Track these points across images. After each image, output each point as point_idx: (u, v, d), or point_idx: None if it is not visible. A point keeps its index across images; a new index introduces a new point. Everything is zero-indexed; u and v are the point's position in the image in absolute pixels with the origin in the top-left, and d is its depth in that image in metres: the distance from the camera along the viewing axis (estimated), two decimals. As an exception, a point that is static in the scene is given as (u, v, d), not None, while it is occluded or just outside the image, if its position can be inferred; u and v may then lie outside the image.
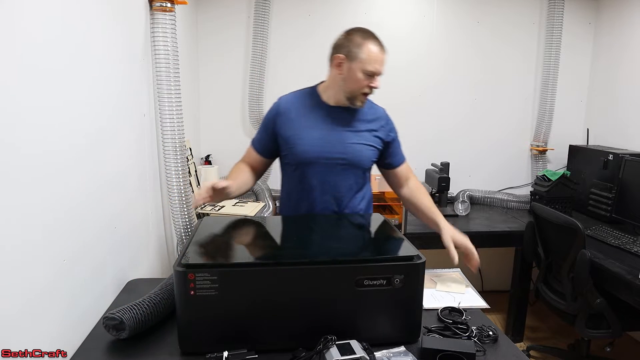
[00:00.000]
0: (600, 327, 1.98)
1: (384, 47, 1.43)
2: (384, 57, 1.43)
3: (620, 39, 2.75)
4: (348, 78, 1.42)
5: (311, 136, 1.46)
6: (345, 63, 1.41)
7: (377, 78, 1.42)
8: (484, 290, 3.22)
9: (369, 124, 1.51)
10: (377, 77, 1.42)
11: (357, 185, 1.54)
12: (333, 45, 1.47)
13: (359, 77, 1.40)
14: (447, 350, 0.99)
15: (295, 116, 1.49)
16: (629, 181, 2.31)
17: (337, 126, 1.48)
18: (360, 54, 1.39)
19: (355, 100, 1.45)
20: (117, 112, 1.46)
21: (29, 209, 0.96)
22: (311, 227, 1.43)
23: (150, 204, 1.79)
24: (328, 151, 1.46)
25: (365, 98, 1.46)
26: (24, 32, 0.95)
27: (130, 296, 1.28)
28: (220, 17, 2.74)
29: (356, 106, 1.47)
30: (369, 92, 1.45)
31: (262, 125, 1.58)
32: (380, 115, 1.56)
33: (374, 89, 1.44)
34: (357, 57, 1.39)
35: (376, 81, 1.42)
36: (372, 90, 1.44)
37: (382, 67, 1.42)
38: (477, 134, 3.01)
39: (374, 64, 1.39)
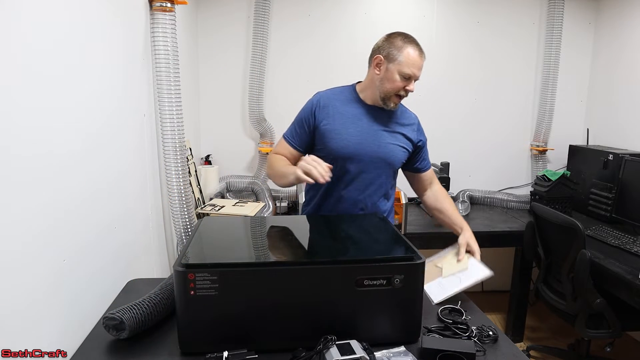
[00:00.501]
0: (600, 327, 1.98)
1: (423, 53, 1.46)
2: (422, 62, 1.46)
3: (620, 39, 2.75)
4: (385, 78, 1.46)
5: (348, 132, 1.50)
6: (384, 64, 1.46)
7: (412, 81, 1.46)
8: (484, 290, 3.22)
9: (402, 127, 1.57)
10: (413, 80, 1.46)
11: (387, 184, 1.58)
12: (374, 47, 1.52)
13: (396, 79, 1.45)
14: (447, 350, 0.99)
15: (333, 112, 1.52)
16: (629, 181, 2.31)
17: (374, 124, 1.53)
18: (399, 56, 1.43)
19: (389, 101, 1.49)
20: (117, 112, 1.46)
21: (29, 209, 0.96)
22: (311, 227, 1.43)
23: (150, 204, 1.79)
24: (363, 148, 1.49)
25: (398, 100, 1.50)
26: (24, 32, 0.95)
27: (130, 296, 1.28)
28: (220, 17, 2.74)
29: (389, 107, 1.51)
30: (404, 95, 1.49)
31: (297, 121, 1.57)
32: (414, 120, 1.62)
33: (409, 92, 1.48)
34: (395, 59, 1.44)
35: (412, 84, 1.46)
36: (407, 93, 1.48)
37: (419, 71, 1.46)
38: (477, 134, 3.01)
39: (411, 67, 1.43)
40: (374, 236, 1.33)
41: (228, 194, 2.74)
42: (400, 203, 2.35)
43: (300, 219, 1.51)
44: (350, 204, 1.54)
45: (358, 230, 1.39)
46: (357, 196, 1.54)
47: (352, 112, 1.52)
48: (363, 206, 1.56)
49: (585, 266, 1.85)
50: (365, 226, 1.43)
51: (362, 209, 1.56)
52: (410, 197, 2.80)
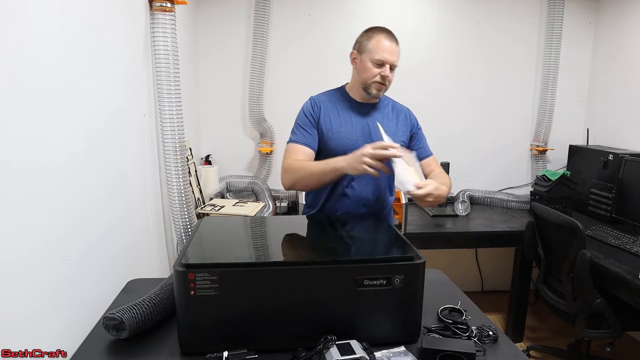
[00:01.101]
0: (600, 327, 1.98)
1: (394, 39, 1.50)
2: (394, 47, 1.49)
3: (620, 39, 2.75)
4: (360, 69, 1.52)
5: (345, 130, 1.54)
6: (358, 57, 1.53)
7: (387, 67, 1.48)
8: (484, 290, 3.23)
9: (395, 119, 1.62)
10: (387, 66, 1.48)
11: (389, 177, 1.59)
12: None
13: (369, 67, 1.49)
14: (447, 350, 0.99)
15: (328, 112, 1.56)
16: (629, 181, 2.31)
17: (367, 120, 1.57)
18: (368, 45, 1.50)
19: (369, 89, 1.52)
20: (117, 112, 1.46)
21: (29, 209, 0.96)
22: (311, 227, 1.43)
23: (150, 204, 1.79)
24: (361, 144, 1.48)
25: (379, 87, 1.52)
26: (23, 32, 0.95)
27: (130, 296, 1.28)
28: (220, 16, 2.74)
29: (371, 95, 1.54)
30: (382, 82, 1.51)
31: (302, 123, 1.56)
32: (405, 112, 1.67)
33: (386, 78, 1.49)
34: (366, 49, 1.50)
35: (386, 70, 1.48)
36: (384, 80, 1.50)
37: (392, 56, 1.48)
38: (477, 134, 3.01)
39: (380, 53, 1.47)
40: (374, 236, 1.33)
41: (228, 194, 2.74)
42: (400, 203, 2.35)
43: (300, 219, 1.51)
44: (353, 200, 1.56)
45: (358, 230, 1.39)
46: (360, 192, 1.56)
47: (345, 111, 1.57)
48: (366, 202, 1.57)
49: (585, 266, 1.85)
50: (365, 226, 1.43)
51: (364, 205, 1.57)
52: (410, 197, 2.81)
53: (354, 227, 1.42)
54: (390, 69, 1.50)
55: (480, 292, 3.21)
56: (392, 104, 1.66)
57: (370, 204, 1.58)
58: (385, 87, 1.53)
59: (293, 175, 1.47)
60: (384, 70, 1.48)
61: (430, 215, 2.68)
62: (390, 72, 1.51)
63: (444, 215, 2.68)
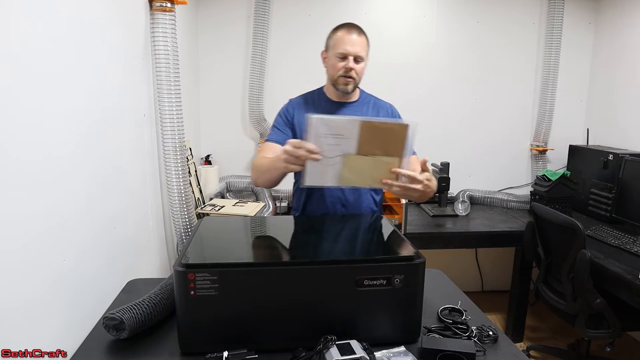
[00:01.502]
0: (600, 327, 1.98)
1: (357, 31, 1.49)
2: (355, 39, 1.48)
3: (620, 39, 2.75)
4: (328, 67, 1.55)
5: None
6: (326, 55, 1.56)
7: (351, 59, 1.48)
8: (484, 290, 3.23)
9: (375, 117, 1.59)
10: (350, 58, 1.48)
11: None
12: None
13: (334, 62, 1.50)
14: (447, 350, 0.99)
15: (302, 113, 1.55)
16: (629, 181, 2.31)
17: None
18: (331, 41, 1.52)
19: (337, 85, 1.53)
20: (117, 112, 1.46)
21: (29, 209, 0.96)
22: (311, 227, 1.43)
23: (150, 204, 1.79)
24: None
25: (346, 81, 1.51)
26: (23, 32, 0.95)
27: (130, 296, 1.28)
28: (220, 16, 2.74)
29: (340, 91, 1.53)
30: (348, 75, 1.49)
31: (277, 124, 1.60)
32: (387, 108, 1.64)
33: (350, 70, 1.48)
34: (330, 46, 1.53)
35: (351, 62, 1.48)
36: (348, 72, 1.48)
37: (353, 47, 1.47)
38: (477, 134, 3.01)
39: (342, 45, 1.47)
40: (374, 236, 1.33)
41: (228, 194, 2.74)
42: (400, 203, 2.35)
43: (300, 219, 1.51)
44: (331, 201, 1.56)
45: (358, 230, 1.39)
46: (336, 192, 1.56)
47: (321, 111, 1.55)
48: (345, 202, 1.57)
49: (585, 266, 1.85)
50: (365, 226, 1.43)
51: (344, 205, 1.57)
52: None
53: (354, 227, 1.42)
54: (357, 61, 1.49)
55: (480, 292, 3.21)
56: (374, 101, 1.64)
57: (350, 204, 1.58)
58: (353, 80, 1.50)
59: (254, 172, 1.51)
60: (347, 63, 1.47)
61: (430, 215, 2.68)
62: (357, 64, 1.49)
63: (444, 215, 2.68)
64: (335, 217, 1.54)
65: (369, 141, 1.17)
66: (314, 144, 1.17)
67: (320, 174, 1.22)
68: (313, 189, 1.56)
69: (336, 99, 1.59)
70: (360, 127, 1.15)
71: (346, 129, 1.16)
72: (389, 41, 2.84)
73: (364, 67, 1.52)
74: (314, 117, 1.15)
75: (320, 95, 1.62)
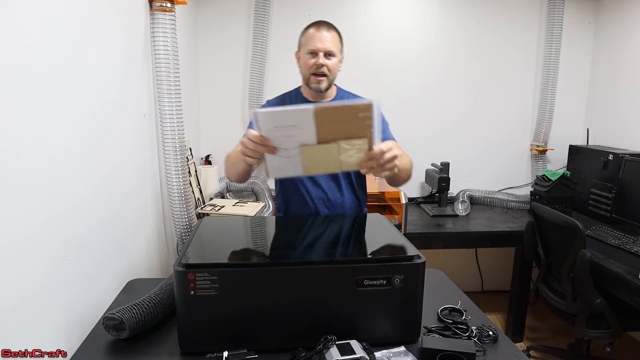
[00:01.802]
0: (600, 327, 1.98)
1: (327, 27, 1.49)
2: (324, 34, 1.47)
3: (620, 39, 2.75)
4: (301, 66, 1.54)
5: None
6: (299, 56, 1.55)
7: (320, 55, 1.47)
8: (484, 290, 3.23)
9: None
10: (320, 54, 1.47)
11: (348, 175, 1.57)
12: None
13: (305, 60, 1.50)
14: (447, 350, 0.99)
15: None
16: (629, 181, 2.31)
17: None
18: (302, 39, 1.53)
19: (309, 83, 1.52)
20: (117, 112, 1.46)
21: (29, 209, 0.96)
22: (311, 227, 1.43)
23: (151, 204, 1.79)
24: None
25: (317, 79, 1.50)
26: (23, 33, 0.95)
27: (130, 296, 1.28)
28: (220, 16, 2.74)
29: (313, 89, 1.52)
30: (320, 72, 1.48)
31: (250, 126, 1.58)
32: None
33: (321, 66, 1.47)
34: (301, 44, 1.53)
35: (321, 58, 1.47)
36: (319, 68, 1.47)
37: (322, 43, 1.46)
38: (477, 133, 3.01)
39: (311, 42, 1.47)
40: (374, 236, 1.33)
41: (228, 194, 2.74)
42: (400, 203, 2.35)
43: (300, 219, 1.51)
44: (312, 202, 1.56)
45: (358, 230, 1.39)
46: (316, 193, 1.56)
47: None
48: (325, 202, 1.57)
49: (585, 266, 1.85)
50: (365, 226, 1.43)
51: (326, 206, 1.57)
52: (410, 197, 2.81)
53: (354, 227, 1.43)
54: (328, 57, 1.47)
55: (480, 292, 3.21)
56: (352, 99, 1.60)
57: (331, 204, 1.58)
58: (326, 77, 1.49)
59: (225, 166, 1.49)
60: (317, 59, 1.46)
61: (430, 215, 2.68)
62: (329, 60, 1.47)
63: (444, 215, 2.68)
64: (335, 217, 1.54)
65: (328, 127, 1.08)
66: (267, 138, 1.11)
67: (282, 165, 1.15)
68: (293, 190, 1.56)
69: (312, 98, 1.58)
70: (315, 114, 1.06)
71: (299, 119, 1.07)
72: (388, 41, 2.84)
73: (336, 62, 1.51)
74: (260, 113, 1.08)
75: (297, 95, 1.61)
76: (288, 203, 1.62)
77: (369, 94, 2.59)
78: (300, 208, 1.59)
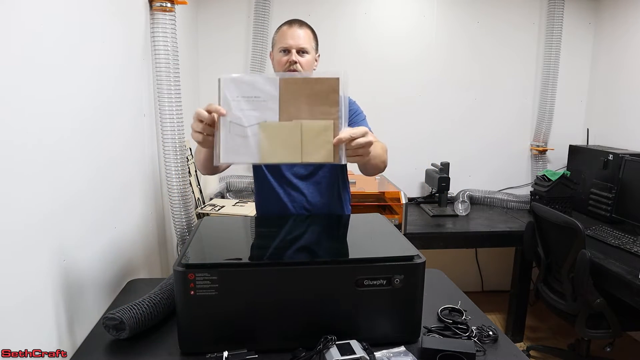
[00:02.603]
0: (600, 327, 1.98)
1: (299, 24, 1.46)
2: (296, 31, 1.44)
3: (620, 39, 2.75)
4: (274, 65, 1.50)
5: None
6: (272, 55, 1.51)
7: (293, 52, 1.43)
8: (484, 290, 3.23)
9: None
10: (292, 51, 1.43)
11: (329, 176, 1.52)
12: None
13: (278, 57, 1.46)
14: (447, 350, 0.99)
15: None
16: (629, 181, 2.31)
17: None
18: (275, 38, 1.49)
19: None
20: (116, 112, 1.46)
21: (29, 209, 0.96)
22: (311, 227, 1.43)
23: (151, 204, 1.79)
24: None
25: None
26: (23, 33, 0.95)
27: (130, 296, 1.28)
28: (220, 16, 2.74)
29: None
30: (292, 69, 1.44)
31: None
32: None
33: (294, 63, 1.43)
34: (274, 43, 1.50)
35: (293, 55, 1.43)
36: (292, 65, 1.43)
37: (294, 40, 1.43)
38: (477, 133, 3.01)
39: (283, 40, 1.44)
40: (374, 236, 1.33)
41: (228, 194, 2.74)
42: (400, 203, 2.35)
43: (300, 218, 1.51)
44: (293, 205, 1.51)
45: (358, 230, 1.39)
46: (296, 197, 1.51)
47: None
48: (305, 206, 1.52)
49: (585, 266, 1.85)
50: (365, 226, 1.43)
51: (306, 210, 1.52)
52: (410, 197, 2.81)
53: (354, 226, 1.42)
54: (302, 54, 1.44)
55: (480, 292, 3.21)
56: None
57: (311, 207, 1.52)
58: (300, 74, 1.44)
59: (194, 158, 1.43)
60: (290, 56, 1.42)
61: (430, 215, 2.68)
62: (302, 58, 1.44)
63: (444, 215, 2.68)
64: (335, 217, 1.53)
65: (292, 103, 0.99)
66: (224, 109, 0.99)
67: (236, 147, 0.99)
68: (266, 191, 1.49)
69: None
70: (281, 85, 0.98)
71: (263, 89, 0.98)
72: (388, 41, 2.84)
73: (310, 60, 1.46)
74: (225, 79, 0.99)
75: None
76: (263, 205, 1.56)
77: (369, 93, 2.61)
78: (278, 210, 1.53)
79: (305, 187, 1.52)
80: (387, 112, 2.87)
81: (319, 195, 1.53)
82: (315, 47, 1.51)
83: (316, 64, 1.53)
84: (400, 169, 2.85)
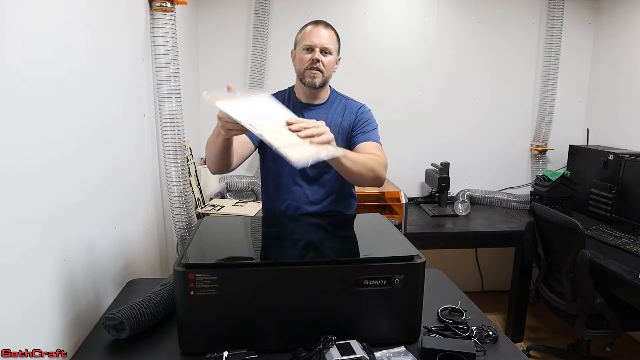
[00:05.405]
0: (600, 327, 1.98)
1: (323, 25, 1.47)
2: (321, 31, 1.45)
3: (620, 39, 2.75)
4: (296, 62, 1.52)
5: None
6: (294, 52, 1.54)
7: (316, 51, 1.45)
8: (484, 290, 3.23)
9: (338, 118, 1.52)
10: (316, 49, 1.44)
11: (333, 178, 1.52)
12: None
13: (301, 56, 1.48)
14: (447, 350, 0.99)
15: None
16: (629, 181, 2.31)
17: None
18: (298, 37, 1.51)
19: (304, 79, 1.48)
20: (117, 112, 1.46)
21: (29, 209, 0.96)
22: (311, 227, 1.43)
23: (150, 204, 1.79)
24: None
25: (312, 73, 1.46)
26: (23, 33, 0.95)
27: (130, 296, 1.28)
28: (220, 16, 2.74)
29: (307, 85, 1.48)
30: (315, 67, 1.45)
31: None
32: (356, 108, 1.54)
33: (316, 61, 1.44)
34: (297, 42, 1.52)
35: (316, 54, 1.44)
36: (314, 63, 1.44)
37: (318, 39, 1.44)
38: (477, 133, 3.01)
39: (308, 38, 1.46)
40: (374, 236, 1.33)
41: (228, 194, 2.74)
42: (400, 203, 2.35)
43: (300, 218, 1.51)
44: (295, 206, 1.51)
45: (358, 230, 1.39)
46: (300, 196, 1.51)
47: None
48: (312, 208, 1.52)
49: (585, 266, 1.85)
50: (365, 226, 1.43)
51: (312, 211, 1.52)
52: (410, 197, 2.81)
53: (354, 226, 1.43)
54: (325, 53, 1.45)
55: (480, 292, 3.21)
56: (344, 103, 1.55)
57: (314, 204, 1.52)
58: (321, 73, 1.45)
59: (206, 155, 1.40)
60: (313, 54, 1.44)
61: (430, 215, 2.68)
62: (325, 57, 1.45)
63: (444, 215, 2.68)
64: (335, 217, 1.54)
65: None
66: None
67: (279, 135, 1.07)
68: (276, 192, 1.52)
69: (304, 99, 1.53)
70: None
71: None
72: (388, 41, 2.84)
73: (332, 61, 1.47)
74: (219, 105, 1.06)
75: (290, 95, 1.58)
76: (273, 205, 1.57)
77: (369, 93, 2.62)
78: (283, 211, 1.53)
79: (309, 189, 1.52)
80: (386, 111, 2.87)
81: (324, 197, 1.53)
82: (337, 49, 1.51)
83: (337, 66, 1.53)
84: (400, 169, 2.85)
